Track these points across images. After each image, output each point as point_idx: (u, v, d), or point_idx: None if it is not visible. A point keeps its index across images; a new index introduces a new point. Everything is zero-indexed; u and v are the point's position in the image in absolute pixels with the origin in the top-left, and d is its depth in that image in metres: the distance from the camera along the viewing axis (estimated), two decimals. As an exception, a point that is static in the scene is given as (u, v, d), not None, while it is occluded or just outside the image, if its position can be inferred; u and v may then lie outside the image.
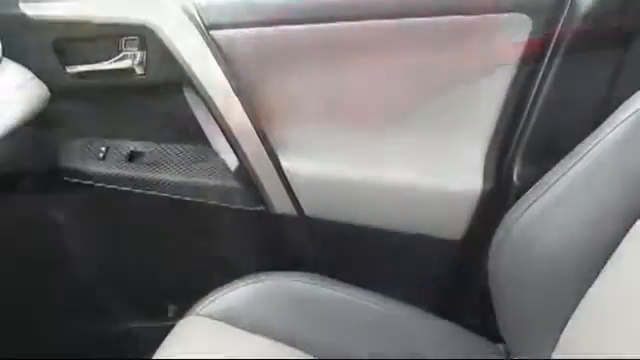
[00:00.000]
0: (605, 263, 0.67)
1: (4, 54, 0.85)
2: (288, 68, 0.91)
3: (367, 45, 0.88)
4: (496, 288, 0.81)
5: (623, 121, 0.69)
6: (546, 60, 0.87)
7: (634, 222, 0.66)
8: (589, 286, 0.69)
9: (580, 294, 0.69)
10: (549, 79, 0.88)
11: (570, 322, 0.71)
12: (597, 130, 0.72)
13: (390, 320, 0.87)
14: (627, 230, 0.67)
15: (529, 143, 0.91)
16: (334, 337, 0.84)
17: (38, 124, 0.88)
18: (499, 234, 0.79)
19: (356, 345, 0.82)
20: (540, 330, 0.74)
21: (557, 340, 0.72)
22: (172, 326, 0.83)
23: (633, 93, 0.70)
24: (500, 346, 0.86)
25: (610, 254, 0.68)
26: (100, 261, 1.10)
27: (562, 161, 0.75)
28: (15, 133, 0.80)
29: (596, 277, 0.68)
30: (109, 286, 1.10)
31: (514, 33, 0.86)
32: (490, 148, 0.93)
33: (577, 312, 0.70)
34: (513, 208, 0.78)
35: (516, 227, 0.78)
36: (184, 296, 0.88)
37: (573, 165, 0.73)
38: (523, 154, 0.92)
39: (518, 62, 0.87)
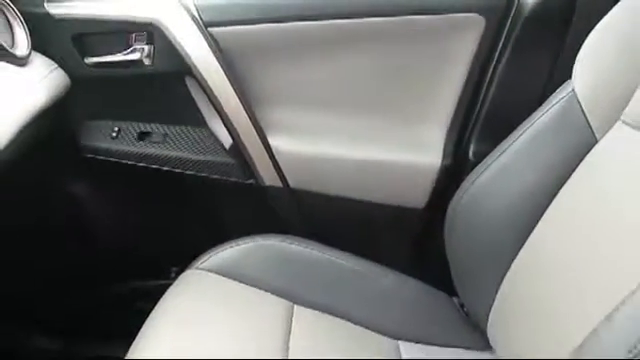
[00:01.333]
0: (537, 224, 0.81)
1: (32, 47, 0.97)
2: (275, 60, 1.03)
3: (342, 41, 1.00)
4: (450, 247, 0.94)
5: (553, 105, 0.83)
6: (497, 54, 1.00)
7: (560, 189, 0.80)
8: (523, 243, 0.82)
9: (516, 250, 0.82)
10: (499, 70, 1.00)
11: (508, 274, 0.84)
12: (534, 113, 0.85)
13: (362, 277, 0.99)
14: (554, 196, 0.81)
15: (482, 126, 1.04)
16: (318, 291, 0.95)
17: (61, 108, 0.99)
18: (454, 201, 0.92)
19: (333, 297, 0.94)
20: (484, 282, 0.86)
21: (497, 290, 0.85)
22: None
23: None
24: (454, 299, 0.99)
25: (540, 216, 0.81)
26: (111, 227, 1.20)
27: (506, 139, 0.87)
28: (42, 115, 0.91)
29: (529, 236, 0.81)
30: (120, 250, 1.20)
31: (470, 31, 0.98)
32: (449, 130, 1.05)
33: (513, 266, 0.83)
34: (466, 179, 0.91)
35: (467, 195, 0.90)
36: (185, 259, 0.99)
37: (513, 142, 0.86)
38: (477, 135, 1.04)
39: (473, 56, 1.00)
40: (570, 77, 0.82)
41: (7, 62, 0.90)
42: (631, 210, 0.67)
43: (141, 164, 1.12)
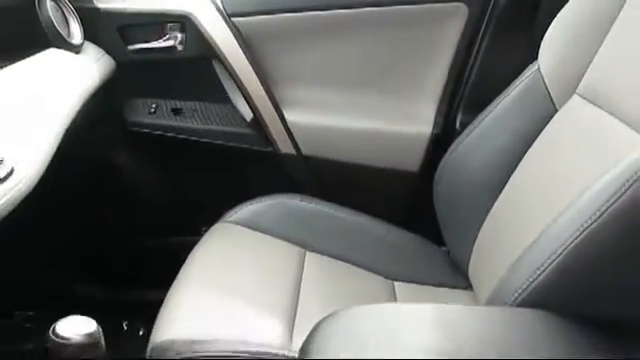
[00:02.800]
0: (508, 180, 0.95)
1: (84, 37, 1.13)
2: (289, 45, 1.19)
3: (346, 28, 1.16)
4: (438, 202, 1.09)
5: (522, 81, 0.97)
6: (479, 37, 1.15)
7: (526, 151, 0.93)
8: (497, 197, 0.96)
9: (491, 202, 0.97)
10: (481, 52, 1.15)
11: (484, 223, 0.98)
12: (506, 89, 1.00)
13: (363, 229, 1.13)
14: (522, 156, 0.94)
15: (467, 100, 1.19)
16: (326, 240, 1.09)
17: (108, 88, 1.14)
18: (441, 164, 1.07)
19: (338, 245, 1.08)
20: (466, 230, 1.01)
21: (476, 236, 0.99)
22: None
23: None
24: (443, 248, 1.13)
25: (511, 174, 0.95)
26: (150, 190, 1.35)
27: (483, 111, 1.02)
28: (94, 95, 1.05)
29: (501, 191, 0.96)
30: (157, 209, 1.35)
31: (456, 18, 1.13)
32: (439, 104, 1.20)
33: (489, 216, 0.97)
34: (452, 145, 1.06)
35: (452, 158, 1.06)
36: (213, 216, 1.13)
37: (489, 113, 1.01)
38: (463, 107, 1.20)
39: (459, 40, 1.15)
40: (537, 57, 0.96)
41: (65, 50, 1.06)
42: (575, 165, 0.81)
43: (174, 135, 1.27)
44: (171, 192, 1.36)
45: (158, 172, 1.35)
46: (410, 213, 1.22)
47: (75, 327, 0.59)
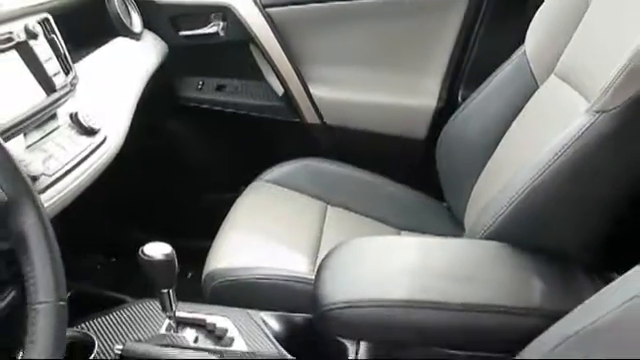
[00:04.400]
0: (498, 143, 1.09)
1: (143, 26, 1.33)
2: (315, 31, 1.35)
3: (363, 15, 1.32)
4: (440, 164, 1.24)
5: (511, 62, 1.12)
6: (478, 22, 1.29)
7: (513, 120, 1.08)
8: (489, 158, 1.11)
9: (484, 163, 1.11)
10: (480, 35, 1.30)
11: (477, 182, 1.13)
12: (498, 69, 1.14)
13: (376, 187, 1.29)
14: (510, 124, 1.09)
15: (467, 77, 1.33)
16: (345, 196, 1.24)
17: (163, 69, 1.32)
18: (443, 131, 1.23)
19: (355, 200, 1.24)
20: (463, 187, 1.15)
21: (471, 192, 1.14)
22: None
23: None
24: (443, 204, 1.29)
25: (501, 138, 1.09)
26: (198, 155, 1.52)
27: (478, 88, 1.17)
28: (153, 74, 1.24)
29: (493, 153, 1.10)
30: (203, 171, 1.52)
31: (457, 5, 1.28)
32: (443, 80, 1.35)
33: (482, 174, 1.12)
34: (453, 115, 1.21)
35: (452, 126, 1.21)
36: (250, 178, 1.29)
37: (483, 89, 1.16)
38: (464, 84, 1.34)
39: (460, 24, 1.29)
40: (525, 41, 1.12)
41: (129, 38, 1.27)
42: (542, 131, 0.97)
43: (218, 108, 1.46)
44: (215, 156, 1.54)
45: (204, 140, 1.52)
46: (416, 174, 1.33)
47: (156, 249, 0.81)
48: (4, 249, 0.57)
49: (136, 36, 1.29)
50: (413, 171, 1.35)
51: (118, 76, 1.11)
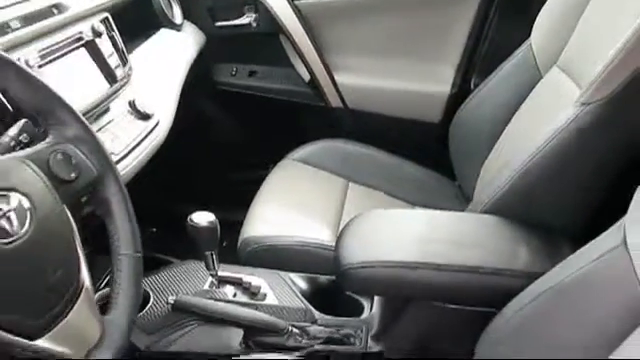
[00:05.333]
0: (505, 127, 1.19)
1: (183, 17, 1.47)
2: (339, 22, 1.46)
3: (382, 7, 1.41)
4: (452, 147, 1.35)
5: (518, 54, 1.22)
6: (489, 17, 1.38)
7: (518, 108, 1.19)
8: (497, 140, 1.20)
9: (492, 144, 1.21)
10: (492, 27, 1.40)
11: (485, 163, 1.23)
12: (506, 59, 1.24)
13: (394, 166, 1.40)
14: (515, 111, 1.18)
15: (480, 66, 1.42)
16: (365, 174, 1.35)
17: (201, 56, 1.44)
18: (456, 116, 1.33)
19: (374, 178, 1.35)
20: (472, 166, 1.24)
21: (479, 172, 1.23)
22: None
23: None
24: (455, 182, 1.39)
25: (507, 122, 1.18)
26: (231, 135, 1.66)
27: (488, 77, 1.26)
28: (193, 62, 1.38)
29: (500, 135, 1.20)
30: (235, 150, 1.65)
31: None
32: (457, 68, 1.45)
33: (490, 155, 1.21)
34: (466, 100, 1.30)
35: (464, 111, 1.31)
36: (278, 157, 1.41)
37: (493, 78, 1.25)
38: (477, 72, 1.44)
39: (474, 17, 1.38)
40: (534, 34, 1.21)
41: (171, 29, 1.41)
42: (541, 117, 1.05)
43: (250, 92, 1.58)
44: (246, 137, 1.67)
45: (237, 121, 1.66)
46: (431, 155, 1.42)
47: (202, 217, 0.95)
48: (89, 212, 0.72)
49: (177, 27, 1.43)
50: (428, 152, 1.44)
51: (165, 65, 1.25)
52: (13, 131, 0.67)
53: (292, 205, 1.26)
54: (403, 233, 0.91)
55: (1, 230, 0.52)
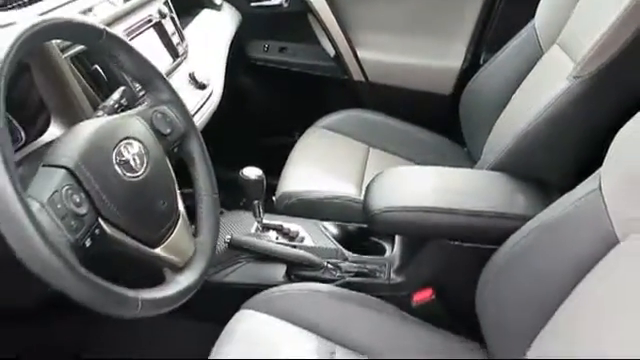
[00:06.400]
0: (510, 99, 1.41)
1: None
2: (361, 3, 1.60)
3: None
4: (463, 116, 1.49)
5: (522, 33, 1.36)
6: None
7: (522, 81, 1.35)
8: (503, 110, 1.36)
9: (499, 114, 1.37)
10: (501, 8, 1.54)
11: (493, 129, 1.44)
12: (512, 38, 1.38)
13: (409, 133, 1.56)
14: (519, 85, 1.35)
15: (489, 43, 1.57)
16: (383, 140, 1.50)
17: (237, 33, 1.59)
18: (466, 88, 1.47)
19: (392, 143, 1.50)
20: (481, 132, 1.40)
21: (486, 139, 1.45)
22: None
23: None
24: (464, 148, 1.57)
25: (512, 95, 1.37)
26: (263, 106, 1.81)
27: (497, 52, 1.41)
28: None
29: (505, 107, 1.40)
30: (267, 118, 1.80)
31: None
32: (468, 45, 1.60)
33: (497, 121, 1.43)
34: (475, 74, 1.45)
35: (474, 84, 1.45)
36: (306, 125, 1.55)
37: (499, 54, 1.40)
38: (486, 48, 1.58)
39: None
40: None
41: (212, 9, 1.56)
42: (541, 89, 1.25)
43: (280, 67, 1.72)
44: (276, 107, 1.82)
45: (268, 93, 1.80)
46: (443, 124, 1.57)
47: (251, 171, 1.14)
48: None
49: (217, 7, 1.58)
50: (439, 121, 1.59)
51: (211, 41, 1.41)
52: (115, 96, 0.85)
53: (321, 166, 1.43)
54: (420, 184, 1.09)
55: (131, 168, 0.71)
